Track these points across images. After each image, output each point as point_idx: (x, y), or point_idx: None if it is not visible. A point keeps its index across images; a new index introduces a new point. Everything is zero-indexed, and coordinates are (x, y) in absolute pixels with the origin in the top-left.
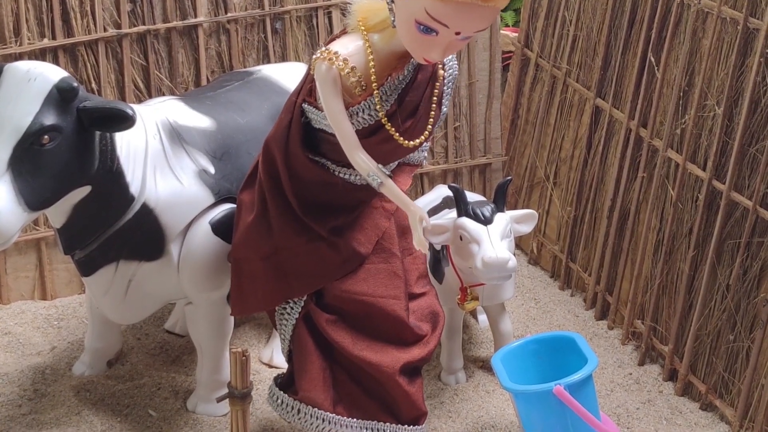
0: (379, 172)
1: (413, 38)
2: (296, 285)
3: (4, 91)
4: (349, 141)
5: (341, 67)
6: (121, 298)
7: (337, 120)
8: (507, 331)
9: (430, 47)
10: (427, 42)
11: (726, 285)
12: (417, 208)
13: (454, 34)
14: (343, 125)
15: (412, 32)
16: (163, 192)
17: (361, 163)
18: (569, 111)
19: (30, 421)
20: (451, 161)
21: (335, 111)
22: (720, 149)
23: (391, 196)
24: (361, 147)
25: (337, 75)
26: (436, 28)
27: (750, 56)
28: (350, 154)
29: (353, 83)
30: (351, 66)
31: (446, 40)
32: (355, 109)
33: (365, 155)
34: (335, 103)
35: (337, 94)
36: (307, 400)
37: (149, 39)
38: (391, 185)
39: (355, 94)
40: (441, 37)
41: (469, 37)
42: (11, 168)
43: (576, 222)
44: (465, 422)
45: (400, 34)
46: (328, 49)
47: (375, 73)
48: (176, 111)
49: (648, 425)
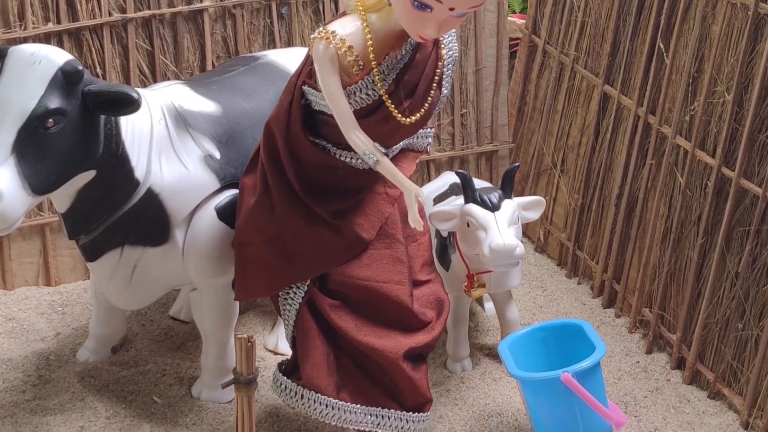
0: (375, 150)
1: (408, 15)
2: (299, 269)
3: (8, 74)
4: (346, 120)
5: (338, 45)
6: (126, 283)
7: (334, 99)
8: (514, 318)
9: (424, 24)
10: (422, 18)
11: (735, 273)
12: (412, 186)
13: (448, 10)
14: (341, 104)
15: (407, 9)
16: (168, 177)
17: (357, 141)
18: (577, 98)
19: (34, 407)
20: (457, 148)
21: (332, 90)
22: (729, 136)
23: (387, 174)
24: (358, 126)
25: (335, 54)
26: (431, 4)
27: (760, 42)
28: (347, 132)
29: (350, 62)
30: (348, 45)
31: (441, 17)
32: (352, 88)
33: (362, 134)
34: (332, 82)
35: (335, 72)
36: (310, 386)
37: (154, 24)
38: (387, 163)
39: (352, 73)
40: (435, 14)
41: (465, 15)
42: (15, 151)
43: (583, 209)
44: (471, 410)
45: (396, 11)
46: (325, 29)
47: (373, 52)
48: (182, 96)
49: (656, 413)
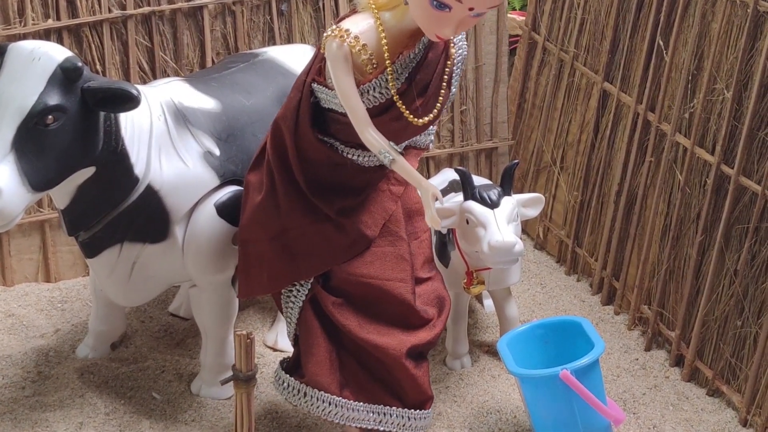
0: (391, 149)
1: (426, 14)
2: (303, 266)
3: (8, 70)
4: (360, 118)
5: (352, 44)
6: (125, 280)
7: (348, 97)
8: (513, 315)
9: (442, 23)
10: (440, 18)
11: (734, 270)
12: (429, 185)
13: (467, 10)
14: (355, 103)
15: (426, 8)
16: (167, 173)
17: (372, 140)
18: (576, 95)
19: (33, 403)
20: (457, 145)
21: (346, 88)
22: (729, 133)
23: (403, 173)
24: (372, 124)
25: (349, 52)
26: (450, 4)
27: (760, 40)
28: (361, 131)
29: (364, 61)
30: (362, 43)
31: (459, 17)
32: (366, 87)
33: (376, 133)
34: (346, 81)
35: (348, 71)
36: (313, 384)
37: (154, 20)
38: (402, 162)
39: (366, 72)
40: (454, 13)
41: (482, 14)
42: (15, 148)
43: (583, 207)
44: (470, 407)
45: (413, 10)
46: (339, 26)
47: (387, 51)
48: (181, 92)
49: (654, 411)
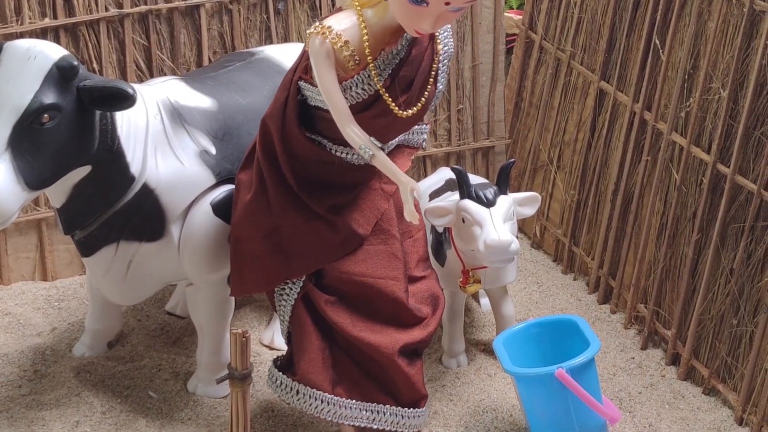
0: (371, 144)
1: (404, 9)
2: (296, 264)
3: (3, 69)
4: (341, 114)
5: (334, 40)
6: (122, 278)
7: (330, 94)
8: (509, 314)
9: (420, 18)
10: (418, 13)
11: (730, 269)
12: (408, 180)
13: (444, 5)
14: (336, 99)
15: (403, 3)
16: (163, 172)
17: (353, 135)
18: (573, 94)
19: (30, 401)
20: (454, 144)
21: (328, 84)
22: (725, 132)
23: (383, 168)
24: (354, 120)
25: (330, 49)
26: None
27: (756, 39)
28: (342, 127)
29: (346, 57)
30: (344, 40)
31: (437, 11)
32: (348, 83)
33: (358, 128)
34: (328, 77)
35: (330, 67)
36: (306, 381)
37: (151, 19)
38: (382, 157)
39: (348, 68)
40: (431, 8)
41: (461, 9)
42: (11, 147)
43: (579, 205)
44: (466, 405)
45: (392, 6)
46: (322, 24)
47: (369, 47)
48: (178, 91)
49: (650, 409)
